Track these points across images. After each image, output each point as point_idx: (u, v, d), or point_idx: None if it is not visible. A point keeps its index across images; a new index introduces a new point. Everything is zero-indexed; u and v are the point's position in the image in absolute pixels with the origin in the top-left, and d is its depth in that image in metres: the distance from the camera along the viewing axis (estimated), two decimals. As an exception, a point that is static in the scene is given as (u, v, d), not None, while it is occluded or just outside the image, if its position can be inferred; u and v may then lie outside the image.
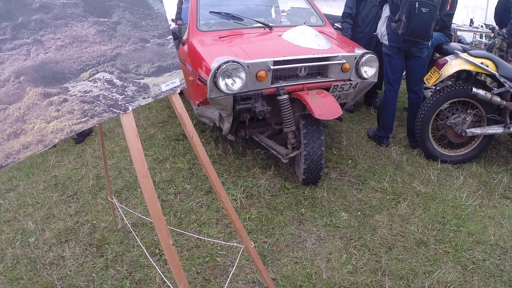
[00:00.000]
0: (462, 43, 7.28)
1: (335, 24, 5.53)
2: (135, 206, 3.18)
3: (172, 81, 1.57)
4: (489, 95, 3.65)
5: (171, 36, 1.62)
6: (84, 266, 2.59)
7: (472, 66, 3.67)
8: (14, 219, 3.08)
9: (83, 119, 1.34)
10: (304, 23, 4.19)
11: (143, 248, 2.49)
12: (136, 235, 2.78)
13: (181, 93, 5.18)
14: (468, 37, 11.45)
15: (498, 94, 3.74)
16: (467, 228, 2.96)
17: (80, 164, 3.88)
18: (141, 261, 2.61)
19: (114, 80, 1.43)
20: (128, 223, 2.75)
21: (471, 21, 11.23)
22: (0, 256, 2.70)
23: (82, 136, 4.39)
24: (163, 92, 1.55)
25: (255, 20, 3.98)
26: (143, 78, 1.50)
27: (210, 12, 4.01)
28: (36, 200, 3.31)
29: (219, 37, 3.65)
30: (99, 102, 1.38)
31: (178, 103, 1.59)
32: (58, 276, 2.51)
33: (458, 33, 9.38)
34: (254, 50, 3.32)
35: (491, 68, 3.66)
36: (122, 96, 1.43)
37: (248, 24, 3.95)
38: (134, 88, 1.46)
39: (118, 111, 1.40)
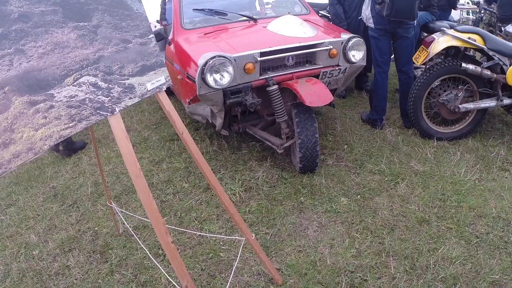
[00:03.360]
0: (449, 21, 7.27)
1: (319, 11, 5.53)
2: (135, 209, 3.18)
3: (157, 79, 1.57)
4: (479, 69, 3.65)
5: (152, 35, 1.62)
6: (89, 273, 2.60)
7: (459, 42, 3.66)
8: (17, 233, 3.08)
9: (71, 124, 1.34)
10: (289, 13, 4.18)
11: (146, 250, 2.49)
12: (138, 237, 2.79)
13: (172, 93, 5.18)
14: (455, 14, 11.46)
15: (488, 68, 3.74)
16: (468, 203, 2.97)
17: (78, 173, 3.87)
18: (145, 263, 2.61)
19: (98, 83, 1.43)
20: (129, 226, 2.75)
21: (457, -2, 11.20)
22: (6, 271, 2.70)
23: (68, 150, 4.28)
24: (149, 90, 1.55)
25: (239, 14, 3.97)
26: (127, 79, 1.50)
27: (193, 9, 3.99)
28: (36, 213, 3.30)
29: (204, 34, 3.64)
30: (85, 106, 1.38)
31: (165, 101, 1.59)
32: (64, 285, 2.52)
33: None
34: (240, 43, 3.31)
35: (479, 42, 3.65)
36: (108, 98, 1.43)
37: (233, 19, 3.93)
38: (119, 89, 1.46)
39: (105, 113, 1.41)
